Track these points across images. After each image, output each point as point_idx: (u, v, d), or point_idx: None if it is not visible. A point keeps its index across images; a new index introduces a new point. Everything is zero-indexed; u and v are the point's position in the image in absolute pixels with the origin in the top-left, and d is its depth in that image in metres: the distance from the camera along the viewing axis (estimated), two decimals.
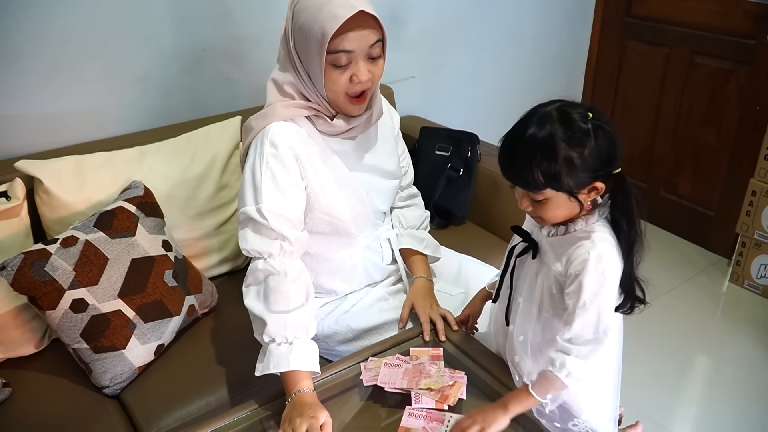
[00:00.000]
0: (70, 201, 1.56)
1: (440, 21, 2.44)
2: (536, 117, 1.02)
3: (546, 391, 1.07)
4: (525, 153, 1.01)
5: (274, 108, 1.33)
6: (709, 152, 2.70)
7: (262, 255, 1.27)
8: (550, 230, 1.12)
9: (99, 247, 1.43)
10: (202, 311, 1.64)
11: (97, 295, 1.40)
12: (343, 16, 1.20)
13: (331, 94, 1.31)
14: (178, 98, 1.92)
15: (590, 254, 1.03)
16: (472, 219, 2.13)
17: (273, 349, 1.22)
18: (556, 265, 1.09)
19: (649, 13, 2.77)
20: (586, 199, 1.05)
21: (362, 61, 1.27)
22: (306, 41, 1.25)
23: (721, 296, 2.55)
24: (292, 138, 1.32)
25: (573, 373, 1.04)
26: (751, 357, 2.21)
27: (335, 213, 1.40)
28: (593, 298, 1.03)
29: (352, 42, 1.24)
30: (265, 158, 1.29)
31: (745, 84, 2.49)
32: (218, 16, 1.91)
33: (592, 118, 1.00)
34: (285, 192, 1.29)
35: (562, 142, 0.99)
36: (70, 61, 1.70)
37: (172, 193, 1.67)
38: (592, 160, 1.00)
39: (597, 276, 1.03)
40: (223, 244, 1.77)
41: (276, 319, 1.23)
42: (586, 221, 1.08)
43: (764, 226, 2.37)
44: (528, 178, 1.02)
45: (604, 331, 1.05)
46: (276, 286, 1.24)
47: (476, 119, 2.62)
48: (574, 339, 1.06)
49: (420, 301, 1.44)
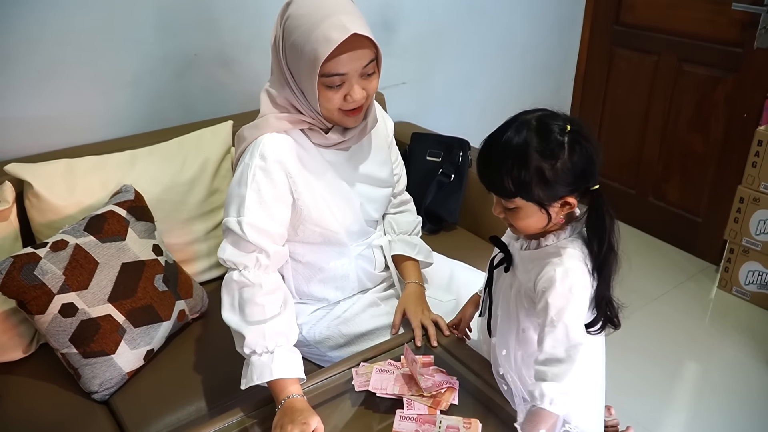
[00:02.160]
0: (60, 205, 1.55)
1: (431, 27, 2.45)
2: (516, 124, 1.01)
3: (538, 427, 1.04)
4: (498, 159, 1.01)
5: (267, 119, 1.32)
6: (696, 159, 2.73)
7: (237, 266, 1.26)
8: (523, 243, 1.11)
9: (89, 251, 1.42)
10: (193, 316, 1.63)
11: (86, 299, 1.39)
12: (336, 39, 1.17)
13: (325, 111, 1.29)
14: (170, 102, 1.91)
15: (557, 271, 1.02)
16: (462, 224, 2.14)
17: (254, 360, 1.21)
18: (527, 279, 1.08)
19: (638, 21, 2.80)
20: (559, 212, 1.03)
21: (356, 81, 1.25)
22: (298, 60, 1.23)
23: (710, 302, 2.57)
24: (283, 151, 1.30)
25: (555, 399, 1.02)
26: (739, 363, 2.23)
27: (327, 225, 1.39)
28: (560, 314, 1.01)
29: (346, 65, 1.21)
30: (252, 170, 1.28)
31: (732, 91, 2.52)
32: (209, 22, 1.91)
33: (570, 130, 0.98)
34: (269, 207, 1.28)
35: (535, 152, 0.98)
36: (62, 65, 1.70)
37: (162, 198, 1.67)
38: (564, 174, 0.98)
39: (563, 292, 1.01)
40: (213, 249, 1.76)
41: (254, 330, 1.21)
42: (557, 237, 1.06)
43: (752, 232, 2.40)
44: (499, 184, 1.01)
45: (574, 348, 1.02)
46: (250, 298, 1.23)
47: (467, 125, 2.63)
48: (547, 361, 1.03)
49: (412, 306, 1.44)
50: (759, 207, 2.34)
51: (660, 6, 2.69)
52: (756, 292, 2.48)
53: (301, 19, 1.21)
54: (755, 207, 2.36)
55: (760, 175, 2.31)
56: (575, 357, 1.02)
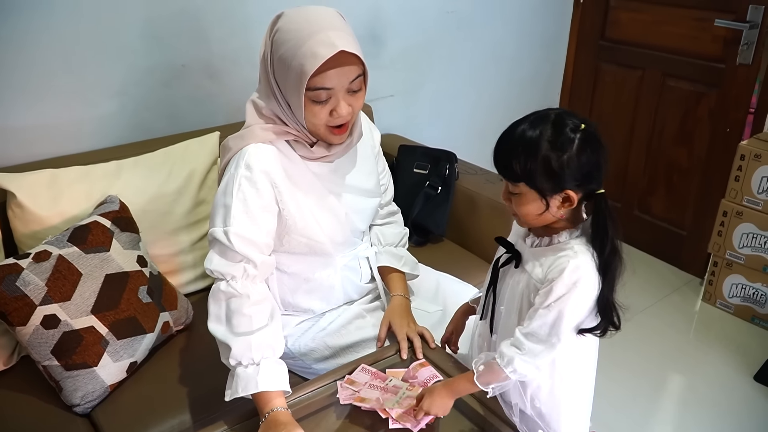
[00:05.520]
0: (43, 215, 1.54)
1: (420, 40, 2.47)
2: (536, 115, 1.06)
3: (489, 382, 1.12)
4: (511, 144, 1.05)
5: (252, 130, 1.32)
6: (681, 172, 2.76)
7: (225, 277, 1.26)
8: (534, 240, 1.14)
9: (72, 262, 1.41)
10: (177, 328, 1.62)
11: (69, 311, 1.38)
12: (323, 56, 1.18)
13: (311, 126, 1.30)
14: (156, 113, 1.91)
15: (569, 263, 1.05)
16: (449, 237, 2.14)
17: (240, 372, 1.20)
18: (536, 271, 1.11)
19: (623, 37, 2.83)
20: (559, 207, 1.06)
21: (342, 97, 1.25)
22: (285, 74, 1.24)
23: (694, 315, 2.59)
24: (268, 161, 1.30)
25: (518, 371, 1.08)
26: (723, 376, 2.24)
27: (312, 235, 1.39)
28: (557, 301, 1.05)
29: (332, 80, 1.22)
30: (238, 180, 1.28)
31: (715, 106, 2.56)
32: (197, 33, 1.91)
33: (583, 129, 1.03)
34: (254, 216, 1.28)
35: (546, 142, 1.02)
36: (48, 74, 1.69)
37: (148, 208, 1.66)
38: (569, 168, 1.02)
39: (568, 283, 1.05)
40: (199, 260, 1.75)
41: (240, 342, 1.21)
42: (569, 234, 1.10)
43: (735, 246, 2.42)
44: (507, 167, 1.06)
45: (557, 336, 1.06)
46: (238, 308, 1.23)
47: (454, 138, 2.64)
48: (529, 334, 1.08)
49: (397, 319, 1.44)
50: (742, 221, 2.37)
51: (644, 22, 2.72)
52: (739, 305, 2.50)
53: (290, 33, 1.22)
54: (738, 221, 2.38)
55: (742, 189, 2.34)
56: (555, 345, 1.07)
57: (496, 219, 1.96)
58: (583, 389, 1.22)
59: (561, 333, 1.06)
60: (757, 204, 2.33)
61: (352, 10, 2.14)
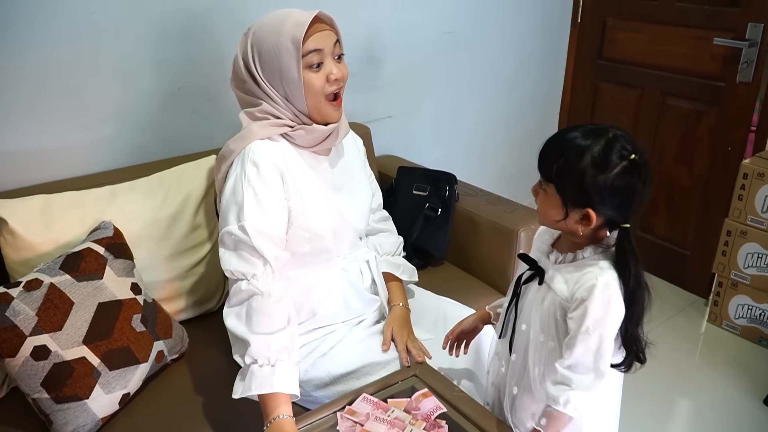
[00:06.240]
0: (35, 242, 1.50)
1: (417, 60, 2.45)
2: (599, 127, 1.04)
3: (558, 430, 1.08)
4: (561, 143, 1.05)
5: (251, 129, 1.38)
6: (682, 191, 2.73)
7: (246, 276, 1.29)
8: (558, 257, 1.12)
9: (64, 290, 1.37)
10: (172, 357, 1.57)
11: (60, 341, 1.34)
12: (306, 21, 1.31)
13: (311, 101, 1.37)
14: (152, 136, 1.88)
15: (598, 280, 1.03)
16: (450, 260, 2.11)
17: (255, 370, 1.22)
18: (562, 289, 1.09)
19: (621, 56, 2.83)
20: (577, 222, 1.05)
21: (331, 60, 1.36)
22: (278, 60, 1.33)
23: (700, 337, 2.54)
24: (273, 154, 1.36)
25: (578, 407, 1.06)
26: (731, 400, 2.19)
27: (315, 229, 1.41)
28: (597, 324, 1.03)
29: (320, 41, 1.34)
30: (246, 176, 1.32)
31: (715, 124, 2.54)
32: (195, 55, 1.89)
33: (632, 159, 1.00)
34: (267, 209, 1.31)
35: (590, 155, 1.01)
36: (43, 96, 1.66)
37: (143, 234, 1.62)
38: (599, 190, 1.01)
39: (602, 302, 1.02)
40: (195, 286, 1.72)
41: (260, 340, 1.24)
42: (594, 249, 1.08)
43: (740, 266, 2.39)
44: (546, 163, 1.06)
45: (604, 362, 1.04)
46: (260, 307, 1.25)
47: (453, 159, 2.62)
48: (574, 366, 1.05)
49: (397, 329, 1.46)
50: (746, 240, 2.34)
51: (642, 41, 2.72)
52: (746, 326, 2.47)
53: (267, 27, 1.35)
54: (743, 240, 2.35)
55: (746, 208, 2.32)
56: (604, 372, 1.05)
57: (497, 241, 1.93)
58: (607, 424, 1.19)
59: (607, 357, 1.04)
60: (761, 223, 2.30)
61: (349, 31, 2.13)
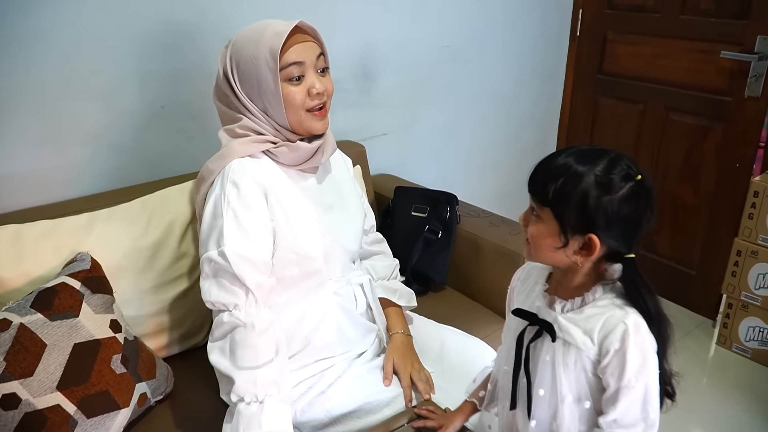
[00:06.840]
0: (4, 277, 1.38)
1: (413, 76, 2.36)
2: (600, 148, 0.96)
3: None
4: (557, 165, 0.94)
5: (230, 146, 1.31)
6: (687, 210, 2.64)
7: (227, 306, 1.22)
8: (564, 305, 1.01)
9: (36, 331, 1.25)
10: (156, 399, 1.45)
11: (31, 388, 1.21)
12: (284, 31, 1.25)
13: (292, 116, 1.30)
14: (133, 159, 1.76)
15: (627, 324, 0.93)
16: (451, 284, 2.00)
17: (242, 409, 1.17)
18: (584, 341, 0.97)
19: (621, 70, 2.75)
20: (576, 252, 0.95)
21: (314, 74, 1.30)
22: (255, 72, 1.27)
23: (708, 360, 2.45)
24: (255, 172, 1.29)
25: None
26: (742, 425, 2.10)
27: (303, 250, 1.32)
28: (638, 373, 0.93)
29: (301, 53, 1.27)
30: (226, 198, 1.25)
31: (722, 141, 2.46)
32: (179, 72, 1.78)
33: (638, 180, 0.92)
34: (249, 233, 1.24)
35: (593, 175, 0.91)
36: (15, 117, 1.55)
37: (123, 264, 1.50)
38: (604, 213, 0.91)
39: (639, 348, 0.92)
40: (180, 319, 1.60)
41: (244, 376, 1.18)
42: (603, 289, 0.98)
43: (751, 287, 2.30)
44: (540, 184, 0.95)
45: (653, 408, 0.94)
46: (243, 340, 1.19)
47: (452, 177, 2.53)
48: (619, 420, 0.95)
49: (400, 360, 1.38)
50: (757, 260, 2.26)
51: (644, 55, 2.64)
52: (757, 348, 2.37)
53: (246, 38, 1.29)
54: (753, 260, 2.26)
55: (757, 227, 2.23)
56: (655, 421, 0.95)
57: (501, 264, 1.83)
58: None
59: (656, 404, 0.94)
60: None
61: (343, 48, 2.04)
